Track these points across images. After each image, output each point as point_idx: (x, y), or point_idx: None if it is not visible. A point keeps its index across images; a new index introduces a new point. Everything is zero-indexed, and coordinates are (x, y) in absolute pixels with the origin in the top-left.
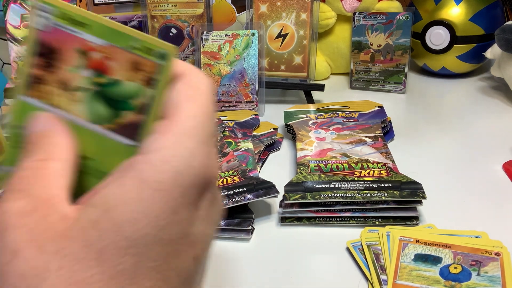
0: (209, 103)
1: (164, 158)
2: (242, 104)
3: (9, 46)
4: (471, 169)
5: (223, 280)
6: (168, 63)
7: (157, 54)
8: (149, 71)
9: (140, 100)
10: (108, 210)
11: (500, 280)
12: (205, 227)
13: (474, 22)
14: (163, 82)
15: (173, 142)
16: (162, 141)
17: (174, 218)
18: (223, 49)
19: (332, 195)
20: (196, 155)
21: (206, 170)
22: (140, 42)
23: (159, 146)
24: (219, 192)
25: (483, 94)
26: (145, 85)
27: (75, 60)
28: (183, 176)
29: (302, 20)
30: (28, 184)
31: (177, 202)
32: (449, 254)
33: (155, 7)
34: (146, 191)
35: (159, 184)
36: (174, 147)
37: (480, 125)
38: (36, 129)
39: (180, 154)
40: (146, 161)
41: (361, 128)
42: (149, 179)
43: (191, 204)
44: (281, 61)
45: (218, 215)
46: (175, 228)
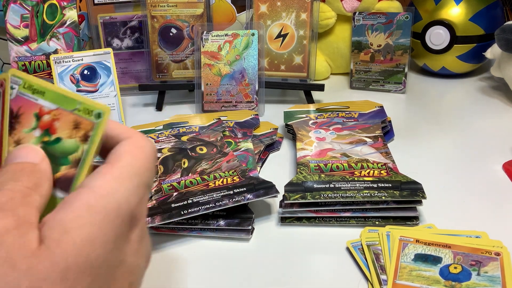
0: (149, 160)
1: (107, 191)
2: (242, 104)
3: (9, 46)
4: (471, 169)
5: (223, 280)
6: (102, 121)
7: (95, 114)
8: (87, 129)
9: (76, 155)
10: (67, 232)
11: (500, 280)
12: (136, 259)
13: (474, 22)
14: (97, 138)
15: (114, 180)
16: (104, 178)
17: (116, 245)
18: (223, 49)
19: (332, 195)
20: (132, 195)
21: (138, 209)
22: (82, 105)
23: (101, 181)
24: (147, 232)
25: (483, 94)
26: (82, 142)
27: (31, 123)
28: (122, 209)
29: (302, 20)
30: (16, 204)
31: (117, 231)
32: (449, 254)
33: (155, 7)
34: (95, 216)
35: (106, 211)
36: (115, 184)
37: (480, 125)
38: (24, 159)
39: (120, 190)
40: (92, 191)
41: (361, 128)
42: (97, 206)
43: (125, 235)
44: (281, 61)
45: (147, 252)
46: (117, 254)
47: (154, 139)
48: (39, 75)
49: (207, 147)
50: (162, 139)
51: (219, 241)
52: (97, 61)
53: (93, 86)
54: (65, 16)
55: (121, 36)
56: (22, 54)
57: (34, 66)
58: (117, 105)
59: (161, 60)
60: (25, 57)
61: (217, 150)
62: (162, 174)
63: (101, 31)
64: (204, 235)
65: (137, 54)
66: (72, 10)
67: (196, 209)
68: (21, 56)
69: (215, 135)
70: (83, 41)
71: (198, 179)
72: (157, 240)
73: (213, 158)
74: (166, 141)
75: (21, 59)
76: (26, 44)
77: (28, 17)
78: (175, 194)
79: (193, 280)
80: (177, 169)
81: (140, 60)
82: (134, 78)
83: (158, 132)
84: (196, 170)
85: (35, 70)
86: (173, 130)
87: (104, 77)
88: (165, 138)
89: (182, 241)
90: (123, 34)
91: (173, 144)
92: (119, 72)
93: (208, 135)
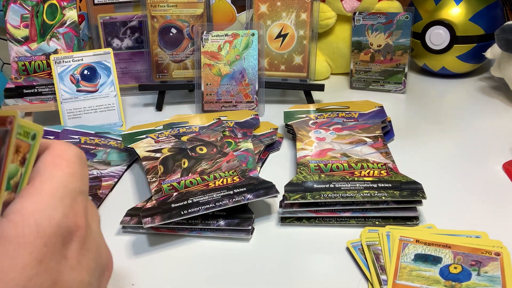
0: (72, 165)
1: (24, 216)
2: (242, 104)
3: (9, 46)
4: (471, 169)
5: (223, 280)
6: (36, 142)
7: (31, 135)
8: (24, 151)
9: (16, 179)
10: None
11: (500, 280)
12: (78, 274)
13: (474, 22)
14: (32, 159)
15: (32, 201)
16: (21, 202)
17: (41, 268)
18: (223, 49)
19: (332, 195)
20: (57, 208)
21: (68, 220)
22: (22, 128)
23: (18, 207)
24: (90, 241)
25: (483, 94)
26: (20, 165)
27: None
28: (44, 228)
29: (302, 20)
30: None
31: (41, 252)
32: (449, 254)
33: (155, 7)
34: (9, 246)
35: (21, 238)
36: (32, 205)
37: (480, 125)
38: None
39: (39, 209)
40: (7, 221)
41: (361, 128)
42: (11, 236)
43: (56, 253)
44: (281, 61)
45: (92, 262)
46: (44, 277)
47: (154, 139)
48: (39, 75)
49: (207, 147)
50: (162, 139)
51: (219, 241)
52: (97, 61)
53: (93, 86)
54: (65, 16)
55: (121, 36)
56: (22, 54)
57: (34, 66)
58: (117, 105)
59: (161, 60)
60: (25, 57)
61: (217, 150)
62: (162, 174)
63: (101, 31)
64: (204, 235)
65: (137, 54)
66: (72, 10)
67: (196, 209)
68: (21, 56)
69: (215, 135)
70: (83, 41)
71: (198, 179)
72: (157, 240)
73: (213, 158)
74: (166, 141)
75: (21, 59)
76: (26, 44)
77: (28, 17)
78: (175, 194)
79: (193, 280)
80: (177, 169)
81: (140, 60)
82: (134, 78)
83: (158, 132)
84: (196, 170)
85: (35, 70)
86: (173, 130)
87: (104, 77)
88: (165, 138)
89: (182, 241)
90: (123, 34)
91: (173, 144)
92: (119, 72)
93: (208, 135)
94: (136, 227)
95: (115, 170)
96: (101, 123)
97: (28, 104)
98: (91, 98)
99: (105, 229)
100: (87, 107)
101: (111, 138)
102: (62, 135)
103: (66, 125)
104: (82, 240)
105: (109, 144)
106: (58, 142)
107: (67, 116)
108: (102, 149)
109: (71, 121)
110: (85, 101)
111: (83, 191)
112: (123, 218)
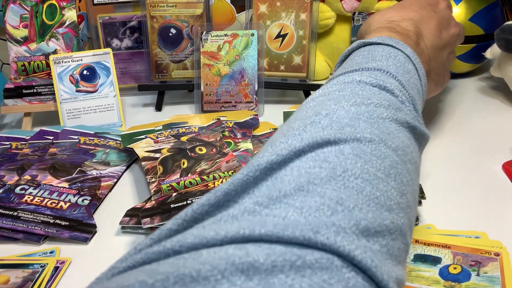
0: None
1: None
2: (241, 104)
3: (8, 47)
4: (471, 169)
5: None
6: None
7: None
8: None
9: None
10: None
11: (499, 281)
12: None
13: (473, 22)
14: None
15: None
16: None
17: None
18: (223, 49)
19: None
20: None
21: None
22: None
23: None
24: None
25: (483, 94)
26: None
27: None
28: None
29: (301, 20)
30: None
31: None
32: (449, 255)
33: (154, 7)
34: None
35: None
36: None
37: (480, 125)
38: None
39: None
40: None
41: None
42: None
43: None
44: (281, 61)
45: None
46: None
47: (153, 140)
48: (38, 75)
49: (207, 148)
50: (161, 139)
51: None
52: (97, 61)
53: (93, 86)
54: (64, 16)
55: (121, 36)
56: (21, 55)
57: (34, 66)
58: (117, 105)
59: (161, 60)
60: (24, 58)
61: (217, 151)
62: (162, 175)
63: (101, 31)
64: None
65: (136, 54)
66: (72, 10)
67: None
68: (20, 57)
69: (214, 136)
70: (82, 41)
71: (198, 180)
72: None
73: (213, 158)
74: (165, 141)
75: (20, 60)
76: (25, 44)
77: (27, 18)
78: (175, 195)
79: None
80: (177, 169)
81: (140, 60)
82: (133, 78)
83: (158, 132)
84: (196, 170)
85: (35, 71)
86: (173, 130)
87: (104, 77)
88: (165, 138)
89: None
90: (122, 34)
91: (172, 145)
92: (118, 72)
93: (208, 135)
94: (136, 228)
95: (114, 171)
96: (101, 123)
97: (27, 104)
98: (91, 98)
99: (104, 229)
100: (87, 107)
101: (111, 138)
102: (62, 136)
103: (66, 125)
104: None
105: (108, 144)
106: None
107: (66, 116)
108: (102, 150)
109: (71, 121)
110: (85, 101)
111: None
112: (123, 219)
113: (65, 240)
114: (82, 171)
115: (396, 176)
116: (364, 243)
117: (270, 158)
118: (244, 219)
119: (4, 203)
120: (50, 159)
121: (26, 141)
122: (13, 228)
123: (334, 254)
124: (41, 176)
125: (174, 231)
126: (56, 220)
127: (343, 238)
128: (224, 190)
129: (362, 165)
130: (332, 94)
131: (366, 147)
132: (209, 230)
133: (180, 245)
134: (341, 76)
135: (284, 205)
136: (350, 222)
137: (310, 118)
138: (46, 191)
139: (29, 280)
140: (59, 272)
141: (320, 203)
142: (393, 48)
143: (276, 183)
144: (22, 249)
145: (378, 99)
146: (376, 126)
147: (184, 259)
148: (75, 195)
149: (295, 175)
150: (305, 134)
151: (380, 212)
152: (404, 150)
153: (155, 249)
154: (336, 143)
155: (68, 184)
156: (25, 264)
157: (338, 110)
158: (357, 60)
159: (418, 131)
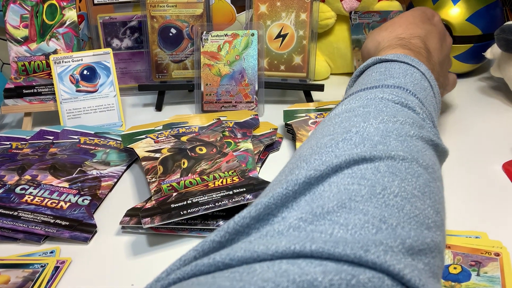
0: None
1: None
2: (241, 104)
3: (9, 47)
4: (471, 169)
5: None
6: None
7: None
8: None
9: None
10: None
11: (499, 281)
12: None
13: (471, 22)
14: None
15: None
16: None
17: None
18: (223, 49)
19: None
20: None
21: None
22: None
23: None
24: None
25: (483, 94)
26: None
27: None
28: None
29: (301, 20)
30: None
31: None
32: (449, 255)
33: (154, 7)
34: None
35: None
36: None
37: (480, 125)
38: None
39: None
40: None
41: None
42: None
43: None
44: (281, 61)
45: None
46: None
47: (153, 140)
48: (38, 75)
49: (207, 148)
50: (161, 139)
51: None
52: (97, 61)
53: (93, 86)
54: (64, 16)
55: (121, 36)
56: (21, 54)
57: (34, 66)
58: (117, 105)
59: (161, 60)
60: (25, 57)
61: (217, 151)
62: (162, 175)
63: (101, 31)
64: (203, 236)
65: (136, 54)
66: (72, 10)
67: (196, 210)
68: (20, 57)
69: (214, 136)
70: (82, 41)
71: (198, 180)
72: (156, 240)
73: (213, 158)
74: (165, 141)
75: (20, 60)
76: (26, 44)
77: (27, 17)
78: (175, 195)
79: None
80: (177, 169)
81: (140, 60)
82: (133, 78)
83: (158, 132)
84: (196, 170)
85: (35, 71)
86: (173, 130)
87: (104, 77)
88: (165, 138)
89: (181, 241)
90: (122, 34)
91: (172, 145)
92: (118, 72)
93: (208, 135)
94: (136, 227)
95: (114, 170)
96: (101, 123)
97: (28, 104)
98: (91, 98)
99: (104, 229)
100: (87, 107)
101: (111, 138)
102: (62, 135)
103: (66, 125)
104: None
105: (108, 144)
106: None
107: (66, 116)
108: (102, 149)
109: (71, 121)
110: (85, 101)
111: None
112: (123, 218)
113: (65, 240)
114: (82, 171)
115: (430, 194)
116: (410, 262)
117: (308, 173)
118: (290, 235)
119: (5, 203)
120: (50, 159)
121: (26, 141)
122: (14, 228)
123: (384, 273)
124: (42, 176)
125: (217, 242)
126: (57, 220)
127: (391, 257)
128: (265, 203)
129: (399, 183)
130: (357, 111)
131: (400, 165)
132: (258, 245)
133: (230, 258)
134: (361, 92)
135: (329, 222)
136: (396, 240)
137: (341, 135)
138: (46, 191)
139: (29, 280)
140: (60, 272)
141: (364, 221)
142: (409, 66)
143: (315, 198)
144: (23, 249)
145: (403, 117)
146: (406, 144)
147: (239, 273)
148: (75, 195)
149: (335, 191)
150: (338, 151)
151: (420, 230)
152: (433, 168)
153: (205, 262)
154: (372, 161)
155: (69, 184)
156: (25, 264)
157: (368, 128)
158: (375, 76)
159: (440, 148)
